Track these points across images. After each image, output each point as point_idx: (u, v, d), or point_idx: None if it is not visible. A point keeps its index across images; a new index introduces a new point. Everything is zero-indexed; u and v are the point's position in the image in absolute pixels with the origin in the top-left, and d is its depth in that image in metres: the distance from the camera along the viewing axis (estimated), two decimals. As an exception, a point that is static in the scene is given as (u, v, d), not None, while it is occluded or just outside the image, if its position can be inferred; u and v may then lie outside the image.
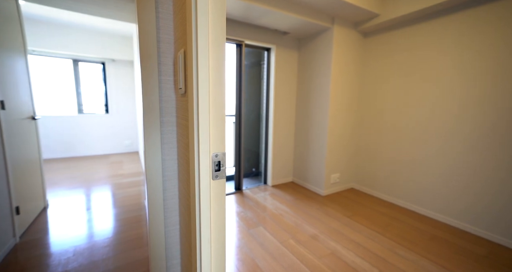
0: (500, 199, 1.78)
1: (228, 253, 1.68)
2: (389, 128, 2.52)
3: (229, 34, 2.46)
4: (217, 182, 0.67)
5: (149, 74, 0.76)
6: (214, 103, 0.63)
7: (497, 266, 1.56)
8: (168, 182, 0.88)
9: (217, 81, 0.62)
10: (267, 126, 3.00)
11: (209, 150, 0.63)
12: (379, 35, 2.56)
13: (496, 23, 1.75)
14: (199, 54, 0.57)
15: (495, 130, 1.79)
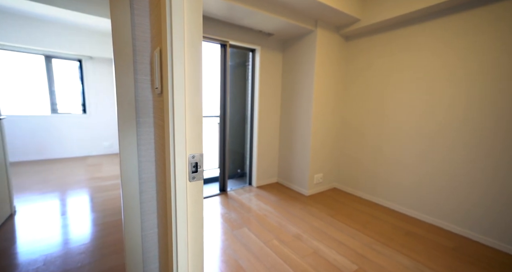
0: (469, 197, 1.91)
1: (211, 255, 1.66)
2: (370, 129, 2.62)
3: (213, 34, 2.44)
4: (194, 184, 0.66)
5: (124, 73, 0.73)
6: (190, 104, 0.62)
7: (463, 257, 1.67)
8: (145, 184, 0.86)
9: (193, 81, 0.61)
10: (252, 127, 3.01)
11: (185, 151, 0.62)
12: (360, 39, 2.66)
13: (470, 30, 1.88)
14: (174, 53, 0.56)
15: (464, 132, 1.92)
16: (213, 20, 2.41)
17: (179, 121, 0.60)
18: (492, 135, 1.78)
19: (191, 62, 0.60)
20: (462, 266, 1.58)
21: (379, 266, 1.57)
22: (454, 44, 1.93)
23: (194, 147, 0.65)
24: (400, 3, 2.09)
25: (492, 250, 1.77)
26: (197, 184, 0.66)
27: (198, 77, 0.62)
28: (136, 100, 0.79)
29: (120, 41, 0.71)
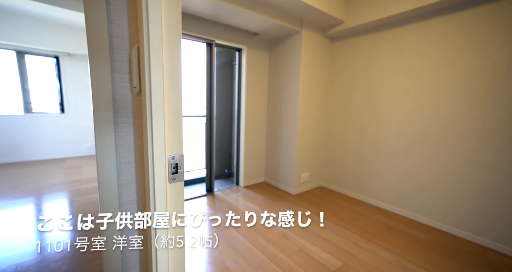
0: (442, 193, 2.02)
1: (197, 257, 1.63)
2: (354, 128, 2.69)
3: (198, 32, 2.40)
4: (174, 185, 0.64)
5: (100, 71, 0.70)
6: (170, 104, 0.60)
7: (439, 249, 1.77)
8: (125, 187, 0.82)
9: (172, 80, 0.60)
10: (238, 126, 3.00)
11: (165, 152, 0.60)
12: (344, 40, 2.72)
13: (452, 33, 1.98)
14: (152, 52, 0.54)
15: (446, 132, 2.02)
16: (198, 18, 2.37)
17: (158, 121, 0.58)
18: (474, 135, 1.88)
19: (169, 60, 0.58)
20: (438, 258, 1.66)
21: (363, 261, 1.62)
22: (436, 46, 2.03)
23: (174, 148, 0.63)
24: (382, 7, 2.16)
25: (463, 240, 1.88)
26: (177, 185, 0.65)
27: (178, 76, 0.60)
28: (113, 99, 0.76)
29: (95, 38, 0.68)
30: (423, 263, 1.60)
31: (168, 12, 0.56)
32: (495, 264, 1.61)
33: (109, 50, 0.70)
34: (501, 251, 1.73)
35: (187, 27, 2.32)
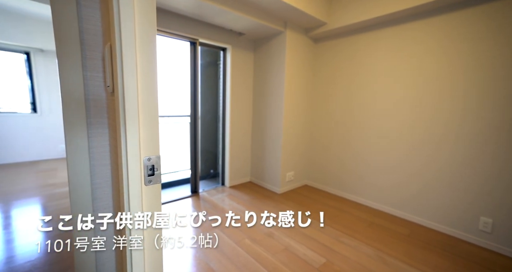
0: (419, 188, 2.13)
1: (181, 260, 1.60)
2: (338, 127, 2.76)
3: (182, 31, 2.35)
4: (150, 188, 0.62)
5: (70, 69, 0.66)
6: (145, 104, 0.58)
7: (415, 242, 1.86)
8: (100, 190, 0.79)
9: (147, 79, 0.58)
10: (224, 126, 2.97)
11: (140, 153, 0.59)
12: (327, 41, 2.78)
13: (421, 38, 2.08)
14: (125, 50, 0.52)
15: (425, 131, 2.13)
16: (182, 16, 2.32)
17: (132, 122, 0.56)
18: (451, 134, 2.00)
19: (144, 59, 0.56)
20: (415, 250, 1.75)
21: (345, 257, 1.67)
22: (411, 48, 2.13)
23: (150, 149, 0.61)
24: (362, 10, 2.24)
25: (437, 233, 1.99)
26: (154, 187, 0.63)
27: (153, 75, 0.59)
28: (86, 99, 0.72)
29: (64, 34, 0.64)
30: (401, 256, 1.68)
31: (141, 8, 0.54)
32: (464, 253, 1.73)
33: (80, 47, 0.67)
34: (471, 241, 1.86)
35: (170, 25, 2.27)
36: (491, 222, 1.75)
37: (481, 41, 1.75)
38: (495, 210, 1.74)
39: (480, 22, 1.74)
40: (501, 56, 1.67)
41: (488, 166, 1.75)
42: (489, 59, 1.72)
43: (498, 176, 1.72)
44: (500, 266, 1.60)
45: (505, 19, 1.64)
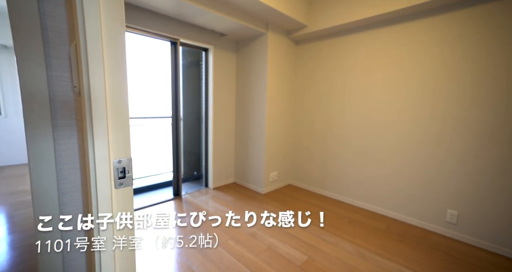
0: (395, 185, 2.24)
1: (162, 265, 1.56)
2: (319, 127, 2.84)
3: (162, 30, 2.30)
4: (121, 190, 0.60)
5: (32, 68, 0.63)
6: (114, 105, 0.57)
7: (391, 236, 1.96)
8: (68, 196, 0.75)
9: (116, 79, 0.56)
10: (206, 127, 2.94)
11: (109, 156, 0.57)
12: (308, 43, 2.85)
13: (396, 41, 2.20)
14: (90, 49, 0.51)
15: (400, 130, 2.25)
16: (162, 16, 2.27)
17: (100, 123, 0.54)
18: (422, 133, 2.12)
19: (112, 57, 0.55)
20: (390, 243, 1.85)
21: (326, 254, 1.71)
22: (387, 51, 2.24)
23: (121, 152, 0.60)
24: (340, 15, 2.32)
25: (411, 226, 2.11)
26: (125, 190, 0.61)
27: (122, 74, 0.57)
28: (51, 99, 0.68)
29: (24, 31, 0.60)
30: (377, 249, 1.76)
31: (108, 4, 0.52)
32: (434, 244, 1.85)
33: (43, 45, 0.63)
34: (440, 232, 1.99)
35: (150, 24, 2.21)
36: (456, 213, 1.89)
37: (448, 44, 1.88)
38: (460, 203, 1.88)
39: (446, 28, 1.88)
40: (467, 59, 1.81)
41: (454, 163, 1.89)
42: (455, 63, 1.86)
43: (462, 172, 1.85)
44: (463, 254, 1.73)
45: (474, 25, 1.78)
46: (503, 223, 1.71)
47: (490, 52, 1.70)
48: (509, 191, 1.67)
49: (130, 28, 2.12)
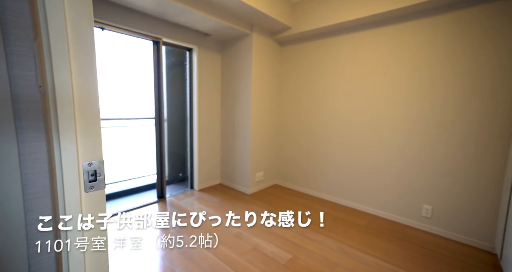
0: (376, 182, 2.33)
1: (145, 268, 1.52)
2: (304, 128, 2.88)
3: (143, 29, 2.24)
4: (93, 194, 0.58)
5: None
6: (83, 105, 0.54)
7: (371, 231, 2.04)
8: (35, 201, 0.71)
9: (86, 78, 0.54)
10: (191, 128, 2.90)
11: (78, 159, 0.54)
12: (293, 45, 2.89)
13: (374, 44, 2.28)
14: (54, 46, 0.48)
15: (379, 130, 2.33)
16: (144, 14, 2.21)
17: (66, 125, 0.52)
18: (402, 132, 2.21)
19: (79, 55, 0.52)
20: (370, 239, 1.92)
21: (310, 251, 1.75)
22: (366, 53, 2.32)
23: (91, 154, 0.57)
24: (322, 17, 2.38)
25: (389, 221, 2.20)
26: (97, 194, 0.59)
27: (92, 72, 0.55)
28: (14, 100, 0.64)
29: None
30: (358, 245, 1.82)
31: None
32: (410, 238, 1.94)
33: (2, 41, 0.60)
34: (416, 226, 2.09)
35: (131, 23, 2.14)
36: (431, 208, 2.00)
37: (420, 50, 1.99)
38: (434, 198, 1.99)
39: (418, 33, 1.99)
40: (440, 63, 1.92)
41: (429, 162, 2.00)
42: (428, 67, 1.97)
43: (437, 169, 1.96)
44: (437, 246, 1.84)
45: (441, 31, 1.89)
46: (472, 216, 1.83)
47: (463, 56, 1.82)
48: (477, 185, 1.80)
49: (111, 26, 2.04)
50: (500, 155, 1.70)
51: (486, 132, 1.74)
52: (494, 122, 1.71)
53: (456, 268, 1.60)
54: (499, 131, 1.70)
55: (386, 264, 1.61)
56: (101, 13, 1.96)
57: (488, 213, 1.76)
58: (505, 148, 1.68)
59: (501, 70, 1.67)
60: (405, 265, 1.60)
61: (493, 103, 1.71)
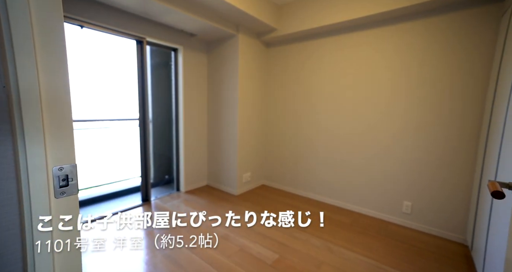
0: (360, 181, 2.39)
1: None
2: (290, 128, 2.91)
3: (126, 28, 2.18)
4: (64, 200, 0.55)
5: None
6: (52, 105, 0.52)
7: (355, 229, 2.09)
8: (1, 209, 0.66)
9: (55, 77, 0.52)
10: (177, 129, 2.85)
11: (46, 163, 0.51)
12: (279, 46, 2.92)
13: (355, 46, 2.34)
14: (16, 41, 0.45)
15: (363, 130, 2.40)
16: (126, 13, 2.14)
17: (32, 127, 0.49)
18: (384, 133, 2.28)
19: (47, 52, 0.50)
20: (354, 236, 1.97)
21: (296, 250, 1.76)
22: (347, 55, 2.38)
23: (62, 158, 0.55)
24: (307, 20, 2.42)
25: (373, 219, 2.27)
26: (69, 199, 0.56)
27: (62, 70, 0.52)
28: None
29: None
30: (342, 242, 1.87)
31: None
32: (392, 234, 2.01)
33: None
34: (397, 222, 2.17)
35: (112, 21, 2.07)
36: (410, 204, 2.09)
37: (397, 54, 2.07)
38: (414, 195, 2.08)
39: (392, 38, 2.07)
40: (418, 65, 2.01)
41: (409, 161, 2.08)
42: (405, 69, 2.05)
43: (416, 167, 2.05)
44: (416, 240, 1.92)
45: (413, 37, 1.98)
46: (447, 211, 1.93)
47: (437, 61, 1.92)
48: (451, 182, 1.90)
49: (91, 24, 1.96)
50: (471, 153, 1.80)
51: (458, 132, 1.85)
52: (465, 124, 1.82)
53: (432, 260, 1.68)
54: (470, 131, 1.80)
55: (370, 260, 1.66)
56: (80, 10, 1.88)
57: (461, 208, 1.87)
58: (474, 147, 1.79)
59: (472, 74, 1.78)
60: (387, 261, 1.66)
61: (463, 106, 1.81)
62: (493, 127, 1.49)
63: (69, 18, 1.83)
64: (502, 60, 1.48)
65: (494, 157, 1.37)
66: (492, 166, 1.39)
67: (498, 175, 1.27)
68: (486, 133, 1.63)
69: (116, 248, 1.44)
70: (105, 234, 1.77)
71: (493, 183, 0.71)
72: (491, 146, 1.49)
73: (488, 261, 1.29)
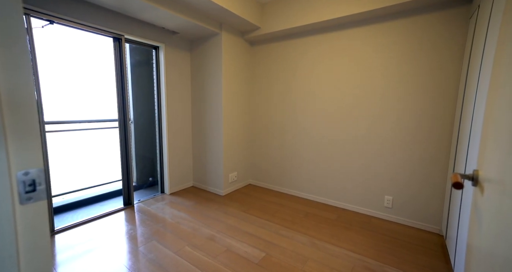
0: (344, 177, 2.46)
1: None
2: (275, 127, 2.93)
3: (103, 25, 2.08)
4: (30, 206, 0.52)
5: None
6: (14, 107, 0.48)
7: (340, 224, 2.15)
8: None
9: (18, 75, 0.48)
10: (160, 130, 2.77)
11: (9, 168, 0.48)
12: (262, 45, 2.92)
13: (343, 46, 2.40)
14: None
15: (344, 130, 2.46)
16: (102, 9, 2.05)
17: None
18: (367, 132, 2.36)
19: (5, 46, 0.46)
20: (339, 231, 2.02)
21: (283, 248, 1.78)
22: (329, 55, 2.44)
23: (28, 161, 0.51)
24: (290, 19, 2.44)
25: (357, 214, 2.35)
26: (36, 205, 0.53)
27: (26, 68, 0.49)
28: None
29: None
30: (328, 238, 1.91)
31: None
32: (375, 227, 2.09)
33: None
34: (379, 216, 2.26)
35: (85, 17, 1.97)
36: (391, 199, 2.18)
37: (377, 53, 2.15)
38: (395, 190, 2.17)
39: (382, 36, 2.15)
40: (399, 63, 2.09)
41: (390, 156, 2.17)
42: (387, 67, 2.13)
43: (397, 163, 2.14)
44: (397, 233, 2.01)
45: (399, 35, 2.07)
46: (424, 203, 2.03)
47: (414, 59, 2.01)
48: (428, 176, 2.00)
49: (62, 19, 1.86)
50: (446, 149, 1.92)
51: (435, 128, 1.95)
52: (440, 122, 1.93)
53: (412, 250, 1.77)
54: (444, 128, 1.91)
55: (354, 254, 1.72)
56: (51, 5, 1.78)
57: (437, 200, 1.98)
58: (449, 144, 1.90)
59: (444, 75, 1.88)
60: (371, 254, 1.72)
61: (438, 105, 1.92)
62: (463, 125, 1.59)
63: (36, 12, 1.72)
64: (470, 61, 1.59)
65: (464, 152, 1.46)
66: (462, 161, 1.49)
67: (466, 168, 1.36)
68: (457, 130, 1.74)
69: (96, 255, 1.39)
70: (81, 240, 1.72)
71: (455, 175, 0.75)
72: (461, 142, 1.59)
73: (458, 248, 1.37)
